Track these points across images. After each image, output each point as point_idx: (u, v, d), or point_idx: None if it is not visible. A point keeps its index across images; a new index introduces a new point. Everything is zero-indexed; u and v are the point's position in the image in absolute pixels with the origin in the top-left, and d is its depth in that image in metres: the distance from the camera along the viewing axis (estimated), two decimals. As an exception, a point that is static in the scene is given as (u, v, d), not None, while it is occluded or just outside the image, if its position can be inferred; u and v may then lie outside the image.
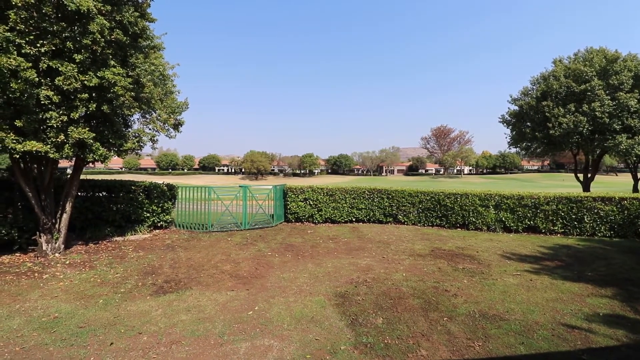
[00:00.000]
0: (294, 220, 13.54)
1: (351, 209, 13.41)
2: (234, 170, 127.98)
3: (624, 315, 5.30)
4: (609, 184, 60.68)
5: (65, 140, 6.96)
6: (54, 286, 6.32)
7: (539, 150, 21.71)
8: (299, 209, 13.35)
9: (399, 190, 13.26)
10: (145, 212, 10.99)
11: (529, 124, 20.33)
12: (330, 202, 13.35)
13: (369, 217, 13.43)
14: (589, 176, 20.85)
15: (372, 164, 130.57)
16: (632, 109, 16.50)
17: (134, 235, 10.55)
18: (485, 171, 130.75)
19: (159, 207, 11.35)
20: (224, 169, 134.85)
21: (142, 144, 9.44)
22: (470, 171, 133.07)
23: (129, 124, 9.72)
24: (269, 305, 5.62)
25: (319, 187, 13.60)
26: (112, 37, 7.17)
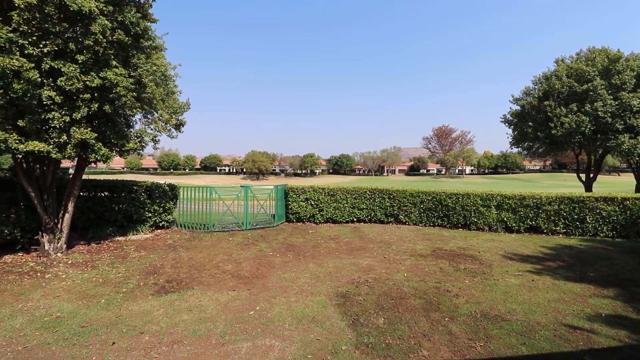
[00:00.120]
0: (295, 220, 13.56)
1: (352, 209, 13.41)
2: (235, 170, 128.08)
3: (626, 315, 5.28)
4: (611, 184, 60.44)
5: (67, 140, 6.98)
6: (56, 286, 6.34)
7: (541, 150, 21.61)
8: (300, 209, 13.36)
9: (400, 190, 13.25)
10: (147, 212, 11.02)
11: (530, 123, 20.24)
12: (331, 202, 13.35)
13: (370, 217, 13.43)
14: (591, 176, 20.76)
15: (373, 164, 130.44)
16: (634, 109, 16.41)
17: (136, 235, 10.58)
18: (487, 171, 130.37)
19: (161, 207, 11.39)
20: (225, 169, 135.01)
21: (143, 144, 9.45)
22: (471, 171, 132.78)
23: (131, 124, 9.74)
24: (270, 305, 5.63)
25: (320, 187, 13.60)
26: (114, 37, 7.19)
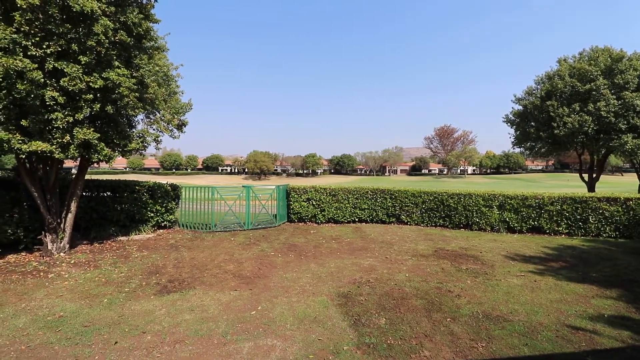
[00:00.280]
0: (296, 220, 13.56)
1: (354, 209, 13.41)
2: (237, 170, 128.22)
3: (629, 316, 5.26)
4: (614, 184, 60.15)
5: (70, 140, 7.01)
6: (59, 285, 6.37)
7: (543, 150, 21.54)
8: (302, 209, 13.36)
9: (402, 190, 13.23)
10: (149, 212, 11.06)
11: (533, 123, 20.17)
12: (333, 202, 13.35)
13: (372, 217, 13.42)
14: (594, 176, 20.66)
15: (375, 164, 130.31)
16: (637, 109, 16.32)
17: (138, 235, 10.61)
18: (489, 171, 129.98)
19: (163, 207, 11.42)
20: (227, 169, 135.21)
21: (146, 145, 9.48)
22: (473, 171, 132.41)
23: (133, 124, 9.79)
24: (272, 305, 5.64)
25: (321, 187, 13.60)
26: (116, 38, 7.22)
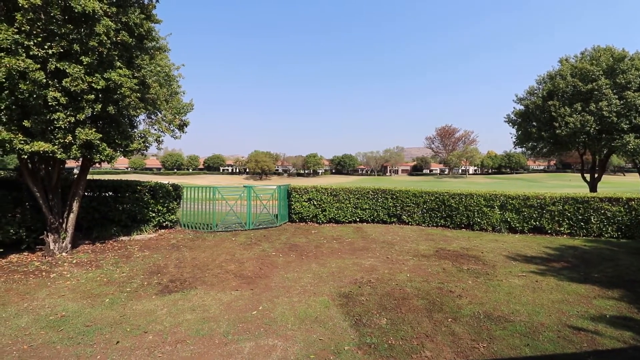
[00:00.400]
0: (298, 220, 13.57)
1: (355, 209, 13.41)
2: (238, 170, 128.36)
3: (631, 317, 5.24)
4: (616, 184, 59.95)
5: (72, 141, 7.03)
6: (61, 285, 6.40)
7: (545, 150, 21.47)
8: (303, 209, 13.37)
9: (403, 190, 13.22)
10: (150, 212, 11.08)
11: (535, 123, 20.11)
12: (334, 202, 13.35)
13: (373, 217, 13.42)
14: (596, 176, 20.59)
15: (376, 164, 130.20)
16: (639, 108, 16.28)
17: (140, 234, 10.64)
18: (490, 171, 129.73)
19: (165, 207, 11.44)
20: (228, 169, 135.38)
21: (147, 145, 9.52)
22: (475, 171, 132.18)
23: (135, 124, 9.81)
24: (273, 305, 5.64)
25: (323, 187, 13.60)
26: (118, 38, 7.25)
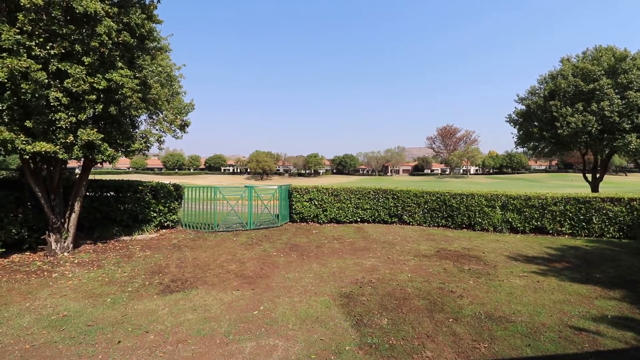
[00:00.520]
0: (299, 220, 13.58)
1: (356, 209, 13.40)
2: (239, 170, 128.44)
3: (633, 317, 5.23)
4: (618, 184, 59.77)
5: (74, 141, 7.05)
6: (63, 285, 6.42)
7: (546, 150, 21.41)
8: (304, 209, 13.38)
9: (404, 190, 13.22)
10: (152, 212, 11.11)
11: (536, 123, 20.05)
12: (335, 202, 13.35)
13: (374, 217, 13.41)
14: (598, 176, 20.52)
15: (377, 164, 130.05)
16: (642, 108, 16.21)
17: (141, 234, 10.67)
18: (491, 171, 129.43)
19: (166, 207, 11.46)
20: (229, 169, 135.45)
21: (149, 145, 9.53)
22: (476, 171, 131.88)
23: (136, 125, 9.82)
24: (274, 305, 5.65)
25: (324, 187, 13.60)
26: (120, 39, 7.26)
